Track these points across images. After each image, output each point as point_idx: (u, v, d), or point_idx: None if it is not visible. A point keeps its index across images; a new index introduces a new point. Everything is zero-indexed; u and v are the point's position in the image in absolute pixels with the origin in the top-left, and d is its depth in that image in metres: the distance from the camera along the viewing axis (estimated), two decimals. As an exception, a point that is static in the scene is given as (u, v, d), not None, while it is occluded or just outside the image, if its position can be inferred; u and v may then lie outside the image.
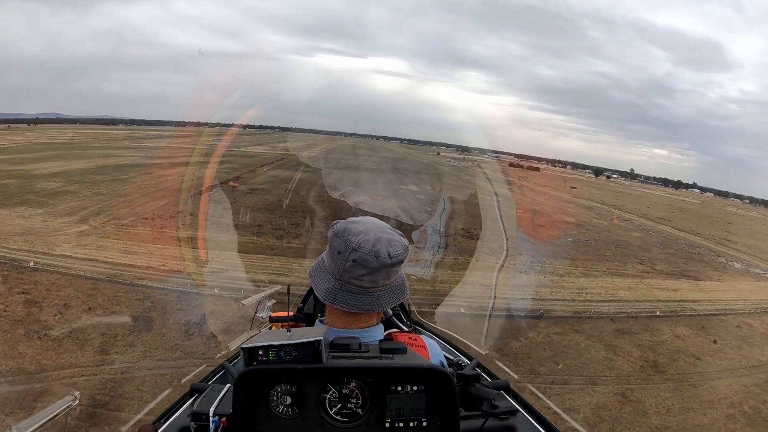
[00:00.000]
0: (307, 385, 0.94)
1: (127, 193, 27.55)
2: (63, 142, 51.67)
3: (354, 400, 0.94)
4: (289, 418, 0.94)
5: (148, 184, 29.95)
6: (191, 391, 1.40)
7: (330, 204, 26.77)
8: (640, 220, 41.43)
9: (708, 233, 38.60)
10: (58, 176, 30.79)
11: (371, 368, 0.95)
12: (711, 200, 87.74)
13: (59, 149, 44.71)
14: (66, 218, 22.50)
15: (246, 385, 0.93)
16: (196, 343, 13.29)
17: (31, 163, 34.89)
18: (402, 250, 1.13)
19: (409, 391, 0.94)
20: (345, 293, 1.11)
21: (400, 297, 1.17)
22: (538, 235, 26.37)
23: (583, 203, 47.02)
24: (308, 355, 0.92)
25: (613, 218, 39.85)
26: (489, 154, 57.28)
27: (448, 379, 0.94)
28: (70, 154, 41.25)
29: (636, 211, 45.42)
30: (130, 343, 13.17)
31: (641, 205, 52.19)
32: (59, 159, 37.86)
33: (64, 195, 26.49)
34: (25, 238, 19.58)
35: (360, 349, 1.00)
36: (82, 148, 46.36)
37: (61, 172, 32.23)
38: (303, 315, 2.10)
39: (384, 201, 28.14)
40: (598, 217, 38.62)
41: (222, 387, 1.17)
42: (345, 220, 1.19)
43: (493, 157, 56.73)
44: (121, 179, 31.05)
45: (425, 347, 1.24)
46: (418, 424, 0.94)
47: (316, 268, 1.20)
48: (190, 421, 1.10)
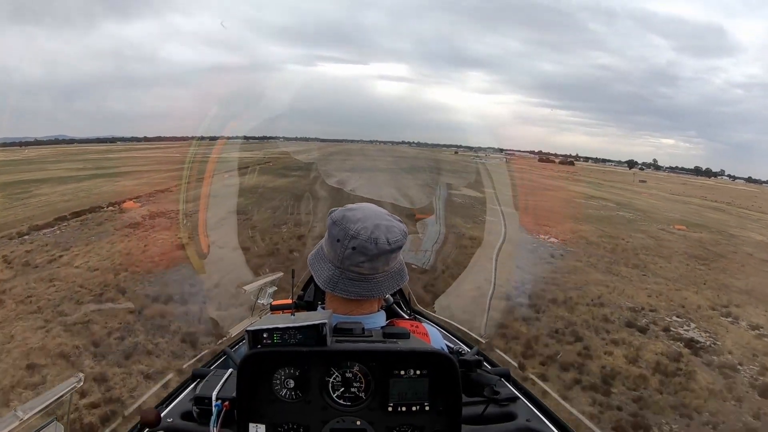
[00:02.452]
0: (311, 368, 0.94)
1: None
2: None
3: (357, 384, 0.95)
4: (292, 402, 0.95)
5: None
6: (193, 376, 1.41)
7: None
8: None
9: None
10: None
11: (375, 351, 0.95)
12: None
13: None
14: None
15: (250, 368, 0.93)
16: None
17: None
18: (401, 236, 1.13)
19: (412, 376, 0.94)
20: (345, 280, 1.11)
21: (399, 282, 1.18)
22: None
23: (699, 203, 35.68)
24: (312, 338, 0.92)
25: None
26: (505, 152, 54.52)
27: (451, 364, 0.94)
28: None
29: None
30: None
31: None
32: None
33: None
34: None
35: (363, 333, 1.00)
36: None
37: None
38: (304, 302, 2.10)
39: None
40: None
41: (224, 372, 1.18)
42: (343, 208, 1.18)
43: (509, 154, 54.01)
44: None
45: (427, 334, 1.25)
46: (420, 408, 0.95)
47: (315, 256, 1.20)
48: (193, 405, 1.11)
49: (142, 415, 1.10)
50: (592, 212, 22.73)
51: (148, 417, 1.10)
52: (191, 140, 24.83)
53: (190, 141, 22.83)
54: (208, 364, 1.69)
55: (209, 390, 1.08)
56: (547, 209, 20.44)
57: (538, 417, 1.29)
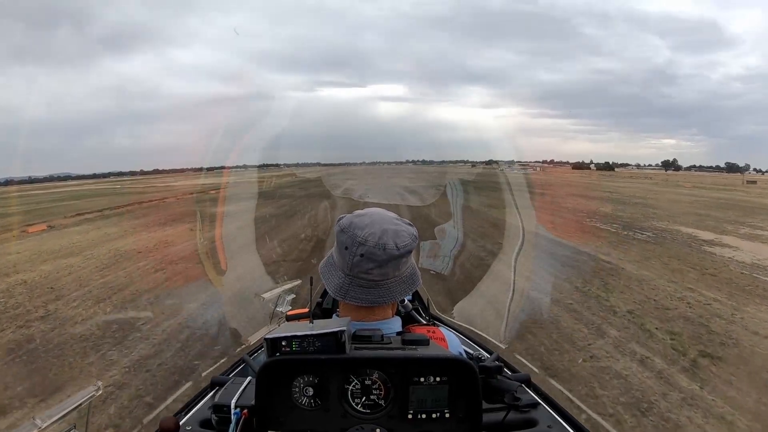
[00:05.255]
0: (330, 376, 0.93)
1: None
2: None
3: (376, 391, 0.93)
4: (311, 410, 0.93)
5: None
6: (212, 384, 1.40)
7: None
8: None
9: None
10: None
11: (394, 359, 0.93)
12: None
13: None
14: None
15: (269, 376, 0.92)
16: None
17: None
18: (410, 240, 1.11)
19: (432, 383, 0.92)
20: (355, 288, 1.10)
21: (411, 287, 1.15)
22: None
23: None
24: (331, 345, 0.90)
25: None
26: (520, 163, 52.01)
27: (472, 371, 0.92)
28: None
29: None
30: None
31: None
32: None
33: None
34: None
35: (382, 340, 0.99)
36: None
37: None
38: (320, 311, 2.09)
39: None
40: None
41: (243, 380, 1.17)
42: (351, 214, 1.17)
43: (523, 164, 51.81)
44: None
45: (444, 339, 1.22)
46: (440, 416, 0.92)
47: (325, 265, 1.20)
48: (212, 413, 1.11)
49: (162, 423, 1.10)
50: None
51: (167, 425, 1.09)
52: (196, 171, 23.02)
53: (196, 172, 20.90)
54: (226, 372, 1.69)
55: (228, 398, 1.08)
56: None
57: (559, 423, 1.25)
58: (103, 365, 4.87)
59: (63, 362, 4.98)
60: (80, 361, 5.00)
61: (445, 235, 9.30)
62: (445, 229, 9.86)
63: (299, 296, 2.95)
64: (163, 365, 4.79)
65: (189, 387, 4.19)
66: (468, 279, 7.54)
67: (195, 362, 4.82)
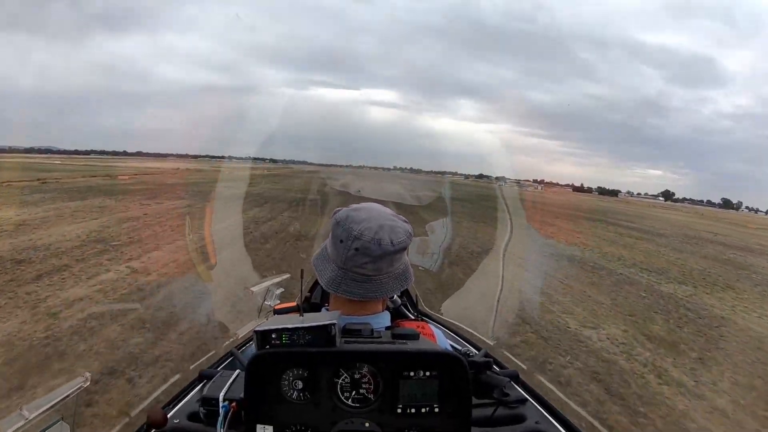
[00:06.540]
0: (320, 369, 0.93)
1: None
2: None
3: (366, 385, 0.93)
4: (300, 403, 0.93)
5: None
6: (200, 377, 1.40)
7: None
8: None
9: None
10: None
11: (384, 353, 0.94)
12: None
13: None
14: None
15: (258, 368, 0.92)
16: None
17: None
18: (405, 237, 1.12)
19: (422, 377, 0.92)
20: (348, 281, 1.10)
21: (404, 283, 1.16)
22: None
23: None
24: (321, 339, 0.90)
25: None
26: (511, 180, 50.58)
27: (462, 365, 0.92)
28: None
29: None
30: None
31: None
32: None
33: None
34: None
35: (372, 334, 0.99)
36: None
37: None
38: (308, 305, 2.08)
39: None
40: None
41: (231, 373, 1.17)
42: (347, 208, 1.17)
43: (515, 182, 50.42)
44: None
45: (433, 335, 1.23)
46: (430, 410, 0.93)
47: (319, 257, 1.19)
48: (200, 406, 1.10)
49: (149, 416, 1.09)
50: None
51: (155, 417, 1.09)
52: (180, 158, 21.99)
53: (179, 158, 19.79)
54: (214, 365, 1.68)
55: (216, 391, 1.07)
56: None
57: (547, 419, 1.28)
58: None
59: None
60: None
61: (434, 231, 9.28)
62: (434, 226, 9.83)
63: (287, 290, 2.94)
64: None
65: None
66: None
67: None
